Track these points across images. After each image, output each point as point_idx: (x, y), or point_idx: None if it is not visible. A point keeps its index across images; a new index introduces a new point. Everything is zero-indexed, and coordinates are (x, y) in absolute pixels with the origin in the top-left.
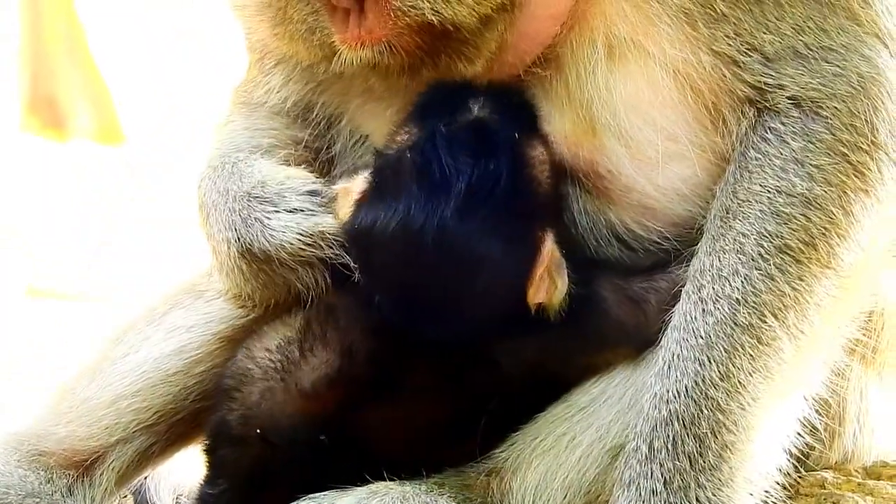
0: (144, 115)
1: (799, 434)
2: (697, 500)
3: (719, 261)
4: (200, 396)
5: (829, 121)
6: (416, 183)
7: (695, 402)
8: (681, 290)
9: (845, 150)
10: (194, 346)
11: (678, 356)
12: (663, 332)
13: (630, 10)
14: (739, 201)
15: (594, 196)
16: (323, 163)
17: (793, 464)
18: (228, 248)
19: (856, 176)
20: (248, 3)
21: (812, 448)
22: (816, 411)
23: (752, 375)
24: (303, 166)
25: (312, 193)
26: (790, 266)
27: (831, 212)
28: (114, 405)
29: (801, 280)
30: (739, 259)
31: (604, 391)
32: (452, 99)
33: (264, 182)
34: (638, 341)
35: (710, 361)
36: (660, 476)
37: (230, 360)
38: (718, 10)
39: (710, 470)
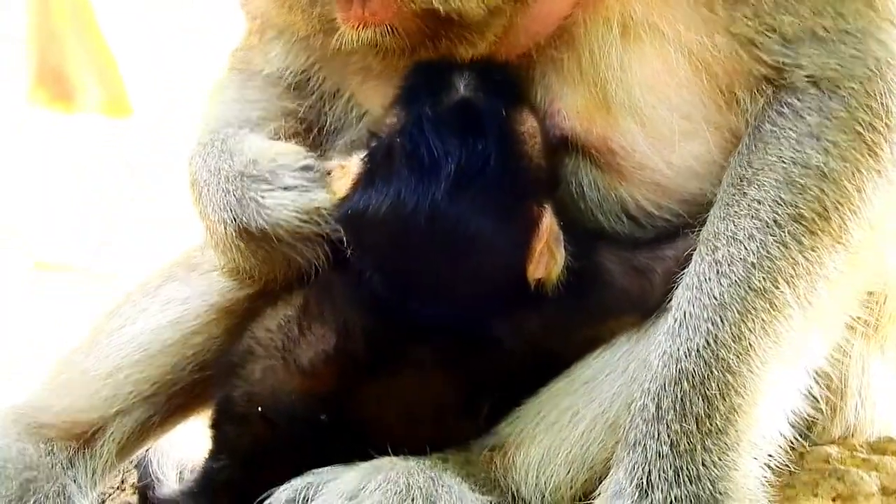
0: (152, 89)
1: (801, 407)
2: (703, 464)
3: (734, 225)
4: (199, 367)
5: (846, 100)
6: (406, 167)
7: (705, 362)
8: (687, 261)
9: (860, 130)
10: (190, 317)
11: (690, 315)
12: (673, 293)
13: None
14: (754, 170)
15: (605, 172)
16: (315, 135)
17: (796, 438)
18: (225, 228)
19: (870, 155)
20: None
21: (815, 421)
22: (817, 383)
23: (762, 339)
24: (293, 139)
25: (305, 169)
26: (803, 236)
27: (845, 187)
28: (112, 376)
29: (814, 251)
30: (754, 224)
31: (606, 365)
32: (437, 80)
33: (256, 160)
34: (643, 310)
35: (722, 322)
36: (667, 438)
37: (236, 339)
38: None
39: (717, 433)
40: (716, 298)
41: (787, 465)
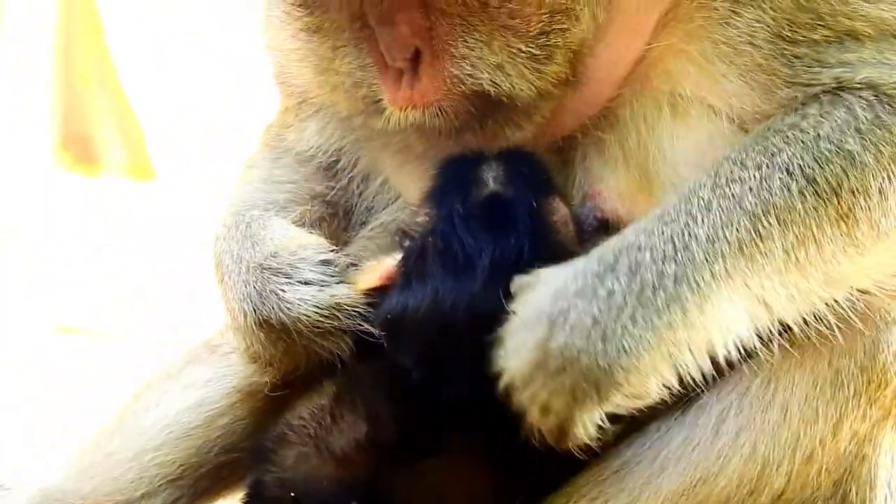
0: (177, 154)
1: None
2: (623, 327)
3: (745, 154)
4: (225, 449)
5: None
6: (441, 265)
7: (673, 246)
8: None
9: None
10: (213, 400)
11: (673, 207)
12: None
13: (694, 69)
14: (785, 125)
15: None
16: (342, 219)
17: None
18: (245, 318)
19: None
20: (289, 48)
21: None
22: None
23: (735, 253)
24: (319, 224)
25: (325, 263)
26: (810, 195)
27: (869, 182)
28: (137, 459)
29: (815, 211)
30: (766, 161)
31: (635, 454)
32: (466, 175)
33: (276, 252)
34: (676, 395)
35: (702, 221)
36: (609, 285)
37: (262, 422)
38: (799, 53)
39: (653, 310)
40: (702, 200)
41: None
